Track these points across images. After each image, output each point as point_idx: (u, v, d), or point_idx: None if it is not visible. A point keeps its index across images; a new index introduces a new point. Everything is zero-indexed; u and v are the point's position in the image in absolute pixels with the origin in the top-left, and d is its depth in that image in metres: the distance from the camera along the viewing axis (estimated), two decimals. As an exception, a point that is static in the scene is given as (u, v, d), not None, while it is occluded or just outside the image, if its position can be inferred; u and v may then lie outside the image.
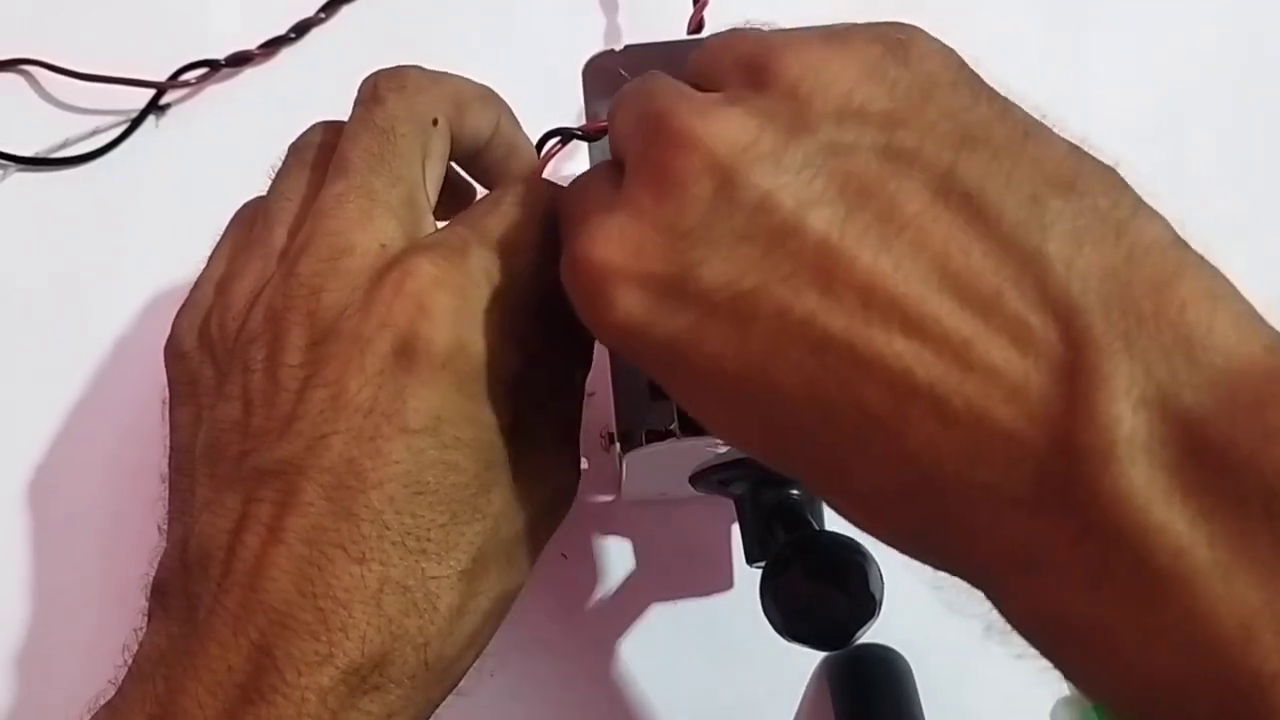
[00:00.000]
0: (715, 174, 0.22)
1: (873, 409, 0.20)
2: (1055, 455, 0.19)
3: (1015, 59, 0.25)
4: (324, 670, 0.23)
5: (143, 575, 0.27)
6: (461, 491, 0.25)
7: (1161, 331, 0.19)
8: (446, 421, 0.25)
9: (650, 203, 0.23)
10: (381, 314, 0.25)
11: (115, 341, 0.39)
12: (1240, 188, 0.41)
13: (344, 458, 0.24)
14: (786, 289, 0.21)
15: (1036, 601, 0.20)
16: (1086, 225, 0.20)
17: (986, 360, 0.20)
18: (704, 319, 0.22)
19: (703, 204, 0.22)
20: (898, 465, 0.21)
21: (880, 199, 0.21)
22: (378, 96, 0.28)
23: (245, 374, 0.26)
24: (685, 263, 0.22)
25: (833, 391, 0.21)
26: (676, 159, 0.23)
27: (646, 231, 0.23)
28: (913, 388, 0.20)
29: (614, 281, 0.23)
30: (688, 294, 0.22)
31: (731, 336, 0.22)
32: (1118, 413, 0.18)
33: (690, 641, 0.36)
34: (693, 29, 0.37)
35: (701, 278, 0.22)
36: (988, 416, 0.19)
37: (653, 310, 0.23)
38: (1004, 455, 0.19)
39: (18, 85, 0.42)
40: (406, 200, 0.27)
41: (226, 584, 0.24)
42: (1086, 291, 0.19)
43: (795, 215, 0.21)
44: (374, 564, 0.24)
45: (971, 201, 0.21)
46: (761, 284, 0.21)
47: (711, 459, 0.32)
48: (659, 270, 0.23)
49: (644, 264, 0.23)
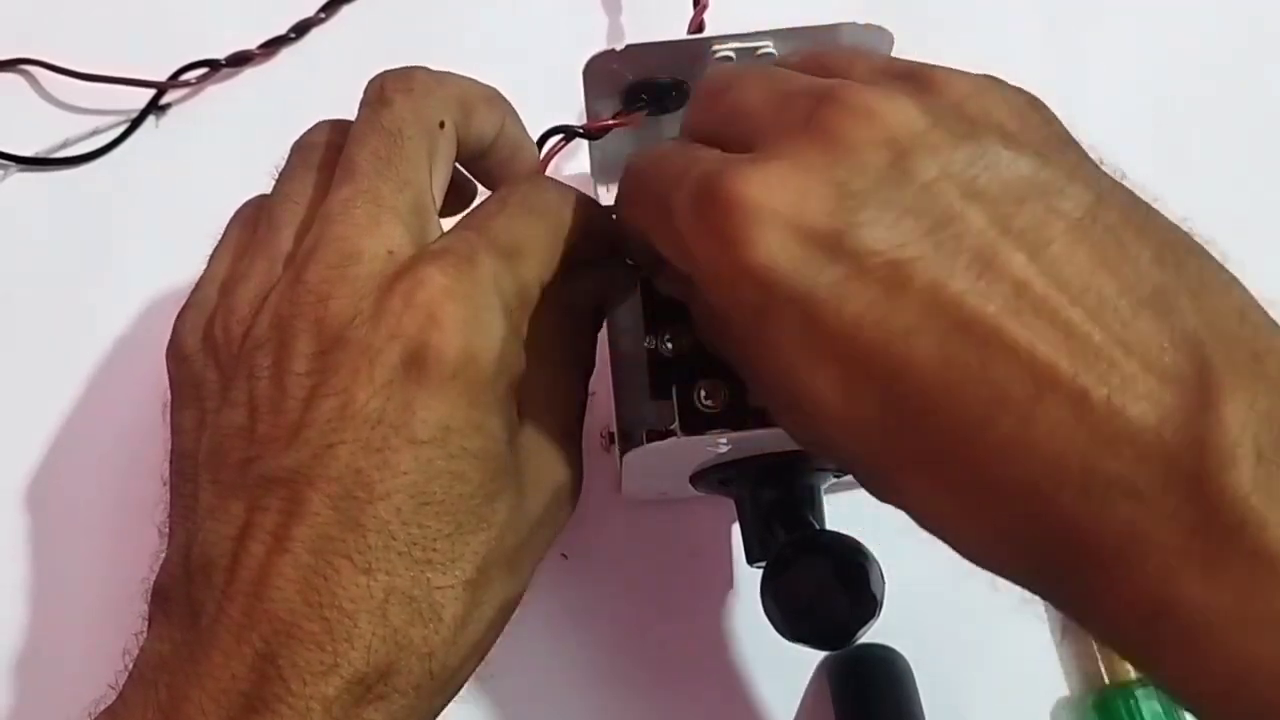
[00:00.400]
0: (891, 148, 0.23)
1: (1010, 393, 0.21)
2: (1186, 453, 0.20)
3: (1015, 59, 0.25)
4: (329, 680, 0.23)
5: (143, 579, 0.27)
6: (468, 502, 0.25)
7: (1269, 372, 0.21)
8: (454, 432, 0.25)
9: (820, 160, 0.23)
10: (391, 325, 0.25)
11: (115, 342, 0.39)
12: (1240, 188, 0.41)
13: (351, 468, 0.24)
14: (944, 266, 0.22)
15: (1140, 590, 0.21)
16: (1205, 277, 0.23)
17: (1127, 362, 0.21)
18: (854, 278, 0.22)
19: (876, 172, 0.23)
20: (1019, 450, 0.21)
21: (1035, 210, 0.22)
22: (385, 98, 0.28)
23: (251, 380, 0.26)
24: (850, 221, 0.23)
25: (970, 371, 0.22)
26: (856, 127, 0.23)
27: (813, 184, 0.23)
28: (1055, 376, 0.21)
29: (764, 223, 0.23)
30: (843, 250, 0.23)
31: (877, 301, 0.22)
32: (1242, 420, 0.20)
33: (690, 642, 0.36)
34: (693, 29, 0.37)
35: (862, 237, 0.22)
36: (1124, 412, 0.21)
37: (801, 260, 0.23)
38: (1134, 449, 0.21)
39: (18, 85, 0.42)
40: (414, 205, 0.27)
41: (231, 592, 0.24)
42: (1211, 325, 0.22)
43: (960, 203, 0.22)
44: (380, 574, 0.24)
45: (1112, 237, 0.22)
46: (920, 256, 0.22)
47: (711, 459, 0.32)
48: (819, 223, 0.23)
49: (804, 213, 0.23)
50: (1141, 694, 0.35)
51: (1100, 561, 0.21)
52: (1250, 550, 0.20)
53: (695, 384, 0.30)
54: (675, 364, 0.30)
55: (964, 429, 0.22)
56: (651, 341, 0.30)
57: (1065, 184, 0.23)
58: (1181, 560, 0.20)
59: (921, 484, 0.23)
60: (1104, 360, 0.21)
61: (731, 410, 0.29)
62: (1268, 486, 0.20)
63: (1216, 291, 0.22)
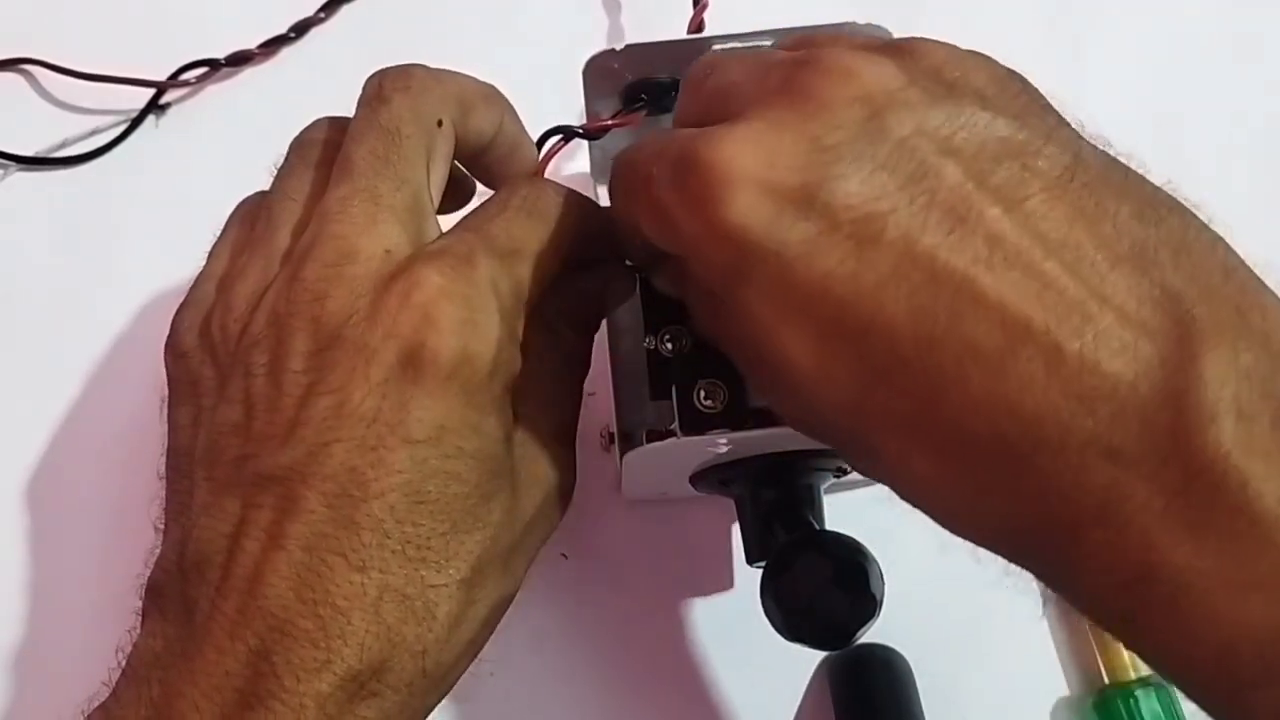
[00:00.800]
0: (867, 104, 0.23)
1: (981, 346, 0.21)
2: (1164, 410, 0.20)
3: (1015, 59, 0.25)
4: (322, 677, 0.23)
5: (138, 575, 0.27)
6: (463, 501, 0.25)
7: (1256, 324, 0.21)
8: (450, 432, 0.25)
9: (794, 118, 0.23)
10: (387, 324, 0.25)
11: (114, 341, 0.39)
12: (1240, 188, 0.41)
13: (346, 466, 0.24)
14: (916, 220, 0.22)
15: (1123, 555, 0.21)
16: (1187, 234, 0.22)
17: (1103, 316, 0.21)
18: (826, 233, 0.22)
19: (851, 127, 0.23)
20: (992, 406, 0.21)
21: (1010, 168, 0.22)
22: (383, 97, 0.28)
23: (247, 377, 0.26)
24: (822, 175, 0.23)
25: (942, 326, 0.21)
26: (830, 84, 0.24)
27: (786, 141, 0.23)
28: (1028, 329, 0.21)
29: (736, 182, 0.23)
30: (815, 205, 0.23)
31: (848, 256, 0.22)
32: (1223, 376, 0.20)
33: (690, 641, 0.36)
34: (693, 29, 0.37)
35: (835, 191, 0.22)
36: (1099, 368, 0.20)
37: (772, 217, 0.23)
38: (1110, 406, 0.20)
39: (18, 85, 0.42)
40: (411, 204, 0.27)
41: (225, 589, 0.24)
42: (1193, 279, 0.21)
43: (935, 158, 0.22)
44: (374, 572, 0.24)
45: (1089, 195, 0.22)
46: (893, 209, 0.22)
47: (711, 459, 0.32)
48: (791, 179, 0.23)
49: (775, 171, 0.23)
50: (1141, 694, 0.35)
51: (1079, 525, 0.21)
52: (1233, 510, 0.19)
53: (695, 384, 0.30)
54: (675, 364, 0.30)
55: (937, 385, 0.22)
56: (651, 341, 0.30)
57: (1042, 145, 0.23)
58: (1162, 522, 0.20)
59: (897, 445, 0.23)
60: (1079, 313, 0.21)
61: (731, 410, 0.29)
62: (1249, 443, 0.20)
63: (1199, 248, 0.22)
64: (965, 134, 0.23)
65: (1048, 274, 0.21)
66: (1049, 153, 0.23)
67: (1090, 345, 0.21)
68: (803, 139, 0.23)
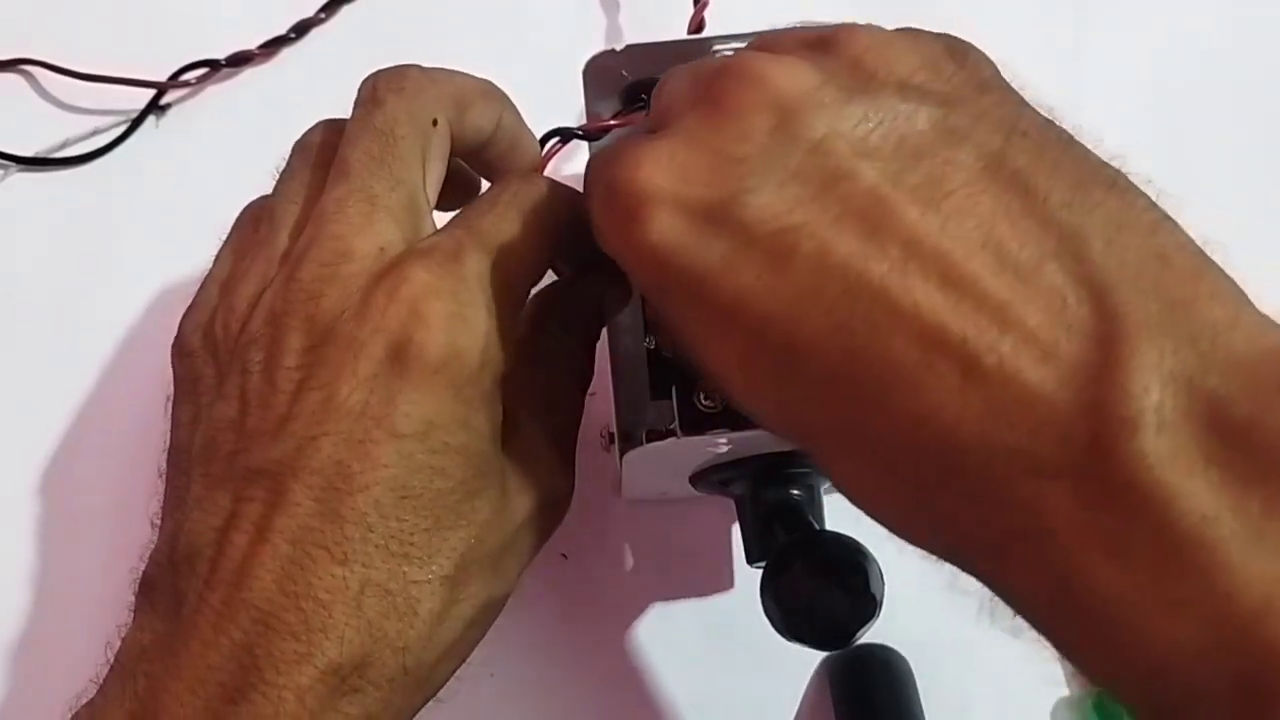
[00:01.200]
0: (776, 110, 0.23)
1: (898, 359, 0.21)
2: (1083, 421, 0.19)
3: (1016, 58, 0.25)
4: (303, 670, 0.23)
5: (132, 568, 0.27)
6: (447, 498, 0.25)
7: (1190, 318, 0.20)
8: (437, 427, 0.25)
9: (705, 130, 0.23)
10: (375, 319, 0.25)
11: (114, 341, 0.39)
12: (1240, 188, 0.41)
13: (333, 460, 0.24)
14: (831, 230, 0.21)
15: (1047, 572, 0.20)
16: (1124, 218, 0.21)
17: (1023, 322, 0.20)
18: (741, 249, 0.22)
19: (760, 136, 0.23)
20: (915, 421, 0.21)
21: (932, 163, 0.22)
22: (377, 98, 0.28)
23: (244, 375, 0.26)
24: (734, 190, 0.22)
25: (860, 338, 0.21)
26: (740, 92, 0.23)
27: (697, 156, 0.23)
28: (944, 341, 0.20)
29: (653, 202, 0.23)
30: (729, 221, 0.22)
31: (765, 271, 0.22)
32: (1147, 383, 0.19)
33: (690, 641, 0.36)
34: (693, 29, 0.37)
35: (747, 205, 0.22)
36: (1018, 378, 0.20)
37: (689, 235, 0.23)
38: (1030, 418, 0.20)
39: (18, 85, 0.42)
40: (407, 203, 0.27)
41: (213, 582, 0.24)
42: (1123, 272, 0.20)
43: (849, 162, 0.22)
44: (356, 566, 0.24)
45: (1019, 180, 0.21)
46: (806, 222, 0.22)
47: (711, 459, 0.32)
48: (704, 195, 0.23)
49: (689, 188, 0.23)
50: (1141, 694, 0.35)
51: (1007, 541, 0.20)
52: (1154, 527, 0.18)
53: (695, 384, 0.30)
54: (675, 364, 0.30)
55: (859, 398, 0.21)
56: (651, 341, 0.30)
57: (970, 131, 0.22)
58: (1086, 540, 0.19)
59: (830, 454, 0.23)
60: (998, 321, 0.20)
61: (731, 410, 0.29)
62: (1172, 457, 0.18)
63: (1138, 232, 0.21)
64: (882, 131, 0.22)
65: (966, 279, 0.20)
66: (978, 138, 0.22)
67: (1009, 355, 0.20)
68: (713, 152, 0.23)
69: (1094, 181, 0.22)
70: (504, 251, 0.27)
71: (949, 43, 0.24)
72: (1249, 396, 0.19)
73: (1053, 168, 0.22)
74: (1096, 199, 0.21)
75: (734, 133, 0.23)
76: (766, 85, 0.23)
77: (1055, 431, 0.19)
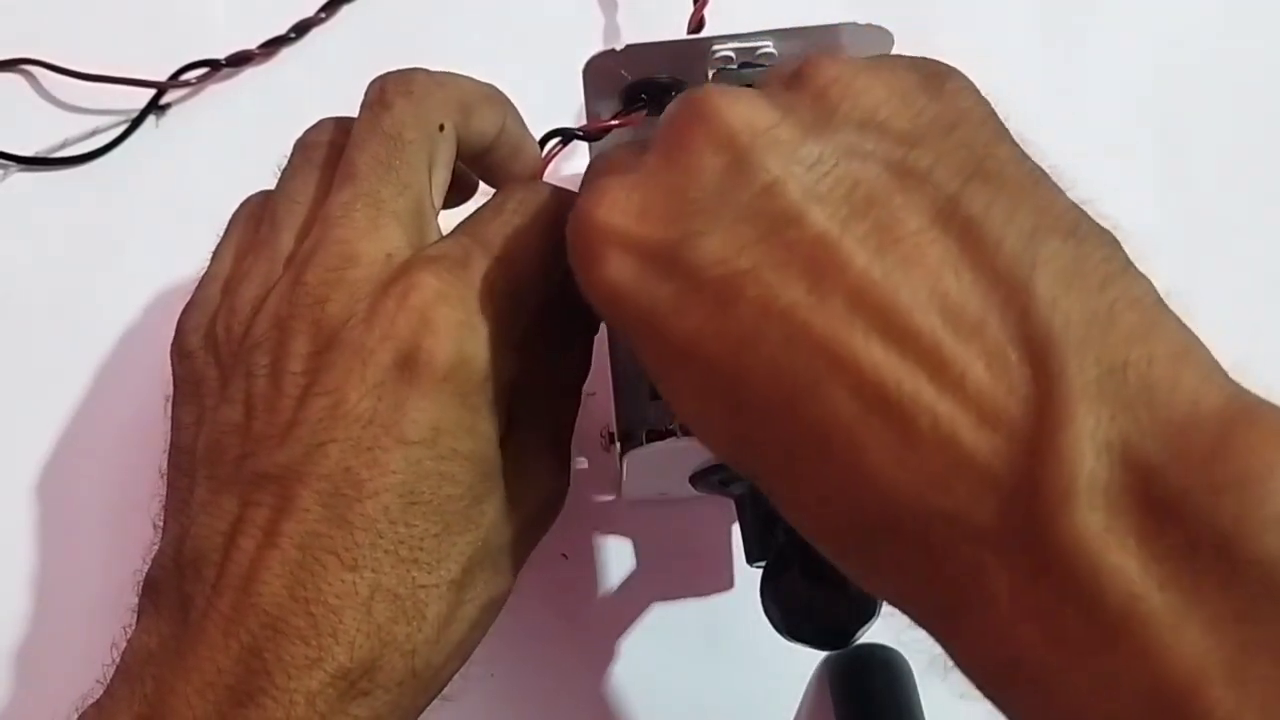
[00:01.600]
0: (728, 149, 0.22)
1: (838, 415, 0.20)
2: (1018, 491, 0.19)
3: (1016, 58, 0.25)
4: (313, 674, 0.23)
5: (137, 572, 0.27)
6: (456, 503, 0.25)
7: (1129, 382, 0.19)
8: (445, 433, 0.25)
9: (661, 169, 0.23)
10: (385, 326, 0.25)
11: (115, 341, 0.39)
12: (1239, 188, 0.41)
13: (341, 466, 0.24)
14: (775, 276, 0.21)
15: (987, 640, 0.20)
16: (1077, 271, 0.20)
17: (963, 382, 0.20)
18: (688, 292, 0.22)
19: (711, 176, 0.22)
20: (854, 481, 0.20)
21: (883, 210, 0.21)
22: (385, 101, 0.28)
23: (249, 378, 0.26)
24: (683, 232, 0.22)
25: (801, 390, 0.21)
26: (694, 130, 0.23)
27: (652, 196, 0.23)
28: (883, 398, 0.20)
29: (608, 241, 0.23)
30: (679, 264, 0.22)
31: (712, 314, 0.22)
32: (1080, 453, 0.18)
33: (690, 642, 0.36)
34: (693, 28, 0.37)
35: (696, 248, 0.22)
36: (955, 441, 0.19)
37: (640, 276, 0.23)
38: (967, 485, 0.19)
39: (18, 85, 0.42)
40: (413, 209, 0.27)
41: (220, 586, 0.24)
42: (1066, 332, 0.19)
43: (798, 205, 0.22)
44: (366, 571, 0.24)
45: (971, 229, 0.21)
46: (752, 267, 0.21)
47: (711, 459, 0.32)
48: (655, 236, 0.23)
49: (642, 228, 0.23)
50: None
51: (944, 611, 0.20)
52: (1088, 602, 0.18)
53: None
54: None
55: (800, 453, 0.21)
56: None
57: (927, 173, 0.22)
58: (1021, 612, 0.19)
59: (779, 495, 0.23)
60: (938, 379, 0.20)
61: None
62: (1104, 531, 0.18)
63: (1088, 287, 0.20)
64: (836, 174, 0.22)
65: (909, 334, 0.20)
66: (934, 181, 0.21)
67: (947, 416, 0.19)
68: (667, 192, 0.23)
69: (1052, 229, 0.21)
70: (510, 259, 0.27)
71: (926, 72, 0.24)
72: (1181, 467, 0.18)
73: (1009, 214, 0.21)
74: (1052, 249, 0.21)
75: (684, 172, 0.23)
76: (720, 123, 0.23)
77: (991, 499, 0.19)
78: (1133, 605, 0.18)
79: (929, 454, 0.19)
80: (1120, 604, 0.18)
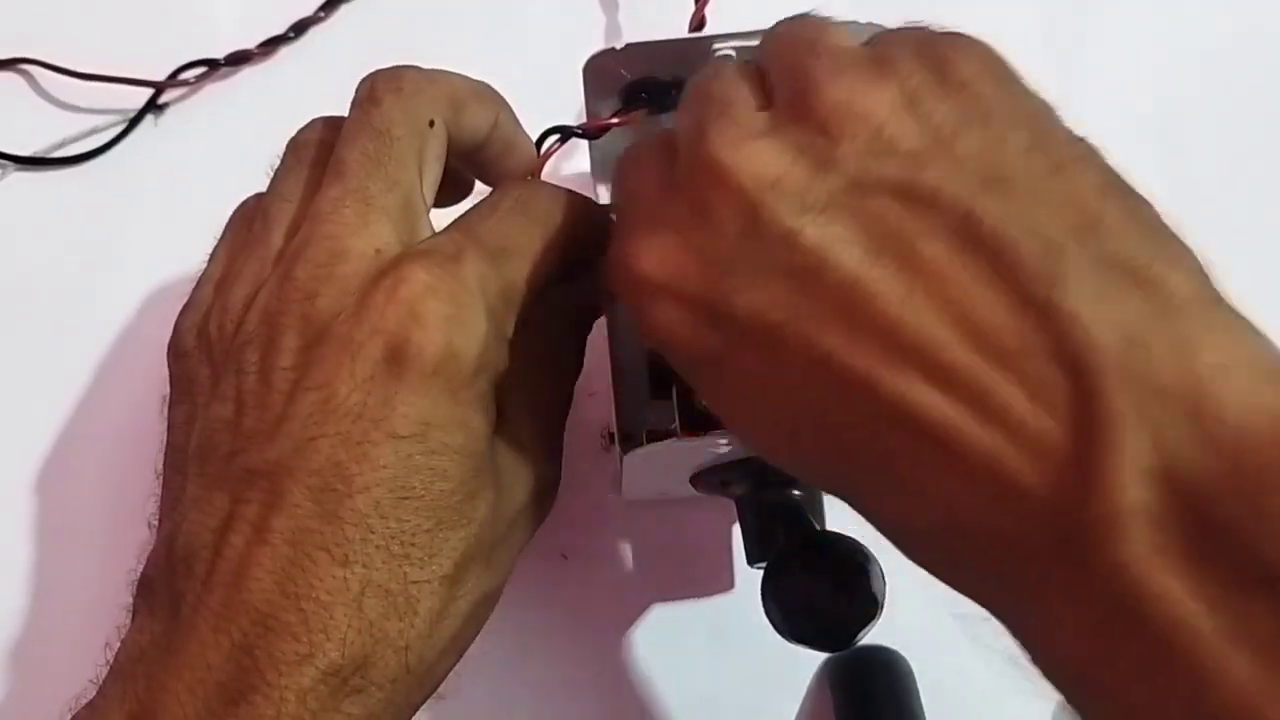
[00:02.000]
0: (743, 209, 0.23)
1: (893, 450, 0.21)
2: (1064, 516, 0.19)
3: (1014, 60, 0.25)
4: (304, 671, 0.23)
5: (131, 571, 0.27)
6: (448, 498, 0.25)
7: (1174, 404, 0.19)
8: (435, 428, 0.25)
9: (689, 227, 0.24)
10: (374, 320, 0.25)
11: (114, 340, 0.39)
12: (1240, 188, 0.41)
13: (331, 461, 0.24)
14: (810, 325, 0.22)
15: (1053, 645, 0.20)
16: (1105, 276, 0.20)
17: (1004, 413, 0.20)
18: (736, 340, 0.23)
19: (732, 236, 0.23)
20: (920, 507, 0.21)
21: (901, 242, 0.21)
22: (374, 98, 0.28)
23: (239, 375, 0.26)
24: (720, 289, 0.23)
25: (854, 427, 0.22)
26: (709, 189, 0.24)
27: (684, 256, 0.24)
28: (931, 434, 0.20)
29: (657, 295, 0.24)
30: (720, 319, 0.23)
31: (760, 361, 0.23)
32: (1125, 482, 0.19)
33: (691, 643, 0.36)
34: (694, 26, 0.37)
35: (734, 305, 0.23)
36: (1004, 470, 0.20)
37: (691, 326, 0.24)
38: (1018, 509, 0.20)
39: (17, 85, 0.42)
40: (403, 204, 0.27)
41: (211, 583, 0.24)
42: (1106, 355, 0.19)
43: (818, 254, 0.22)
44: (357, 567, 0.24)
45: (988, 246, 0.21)
46: (788, 320, 0.22)
47: (711, 459, 0.32)
48: (697, 292, 0.24)
49: (684, 284, 0.24)
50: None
51: (1015, 615, 0.21)
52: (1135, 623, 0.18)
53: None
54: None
55: (862, 481, 0.22)
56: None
57: (938, 190, 0.21)
58: (1081, 630, 0.19)
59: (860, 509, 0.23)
60: (979, 412, 0.20)
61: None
62: (1151, 556, 0.18)
63: (1125, 287, 0.20)
64: (850, 210, 0.22)
65: (944, 368, 0.20)
66: (946, 199, 0.21)
67: (993, 448, 0.20)
68: (698, 253, 0.24)
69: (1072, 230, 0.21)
70: (504, 255, 0.27)
71: (934, 60, 0.24)
72: (1229, 494, 0.18)
73: (1027, 219, 0.21)
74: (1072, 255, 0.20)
75: (708, 234, 0.23)
76: (730, 182, 0.23)
77: (1042, 525, 0.19)
78: (1181, 629, 0.18)
79: (981, 483, 0.20)
80: (1168, 627, 0.18)
